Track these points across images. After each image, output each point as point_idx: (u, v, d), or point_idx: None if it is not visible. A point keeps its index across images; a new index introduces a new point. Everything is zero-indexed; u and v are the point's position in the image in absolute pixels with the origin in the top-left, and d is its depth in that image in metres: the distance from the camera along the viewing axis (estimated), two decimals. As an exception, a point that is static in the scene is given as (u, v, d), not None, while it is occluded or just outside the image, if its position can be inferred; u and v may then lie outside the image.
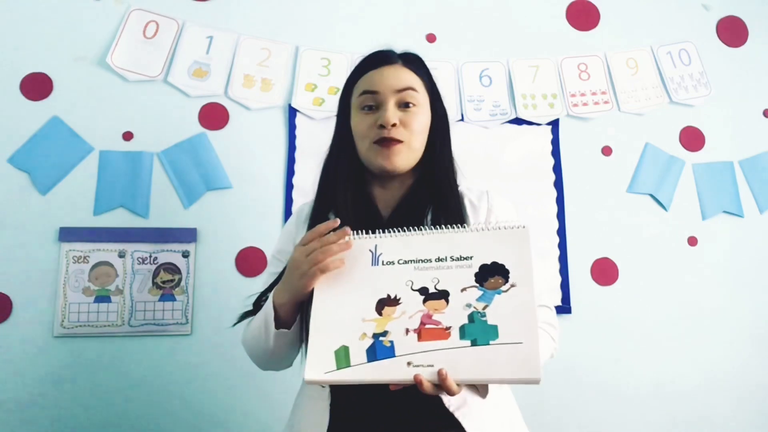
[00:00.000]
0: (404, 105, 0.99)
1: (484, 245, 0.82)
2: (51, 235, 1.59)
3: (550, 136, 1.84)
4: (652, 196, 1.86)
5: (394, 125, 0.97)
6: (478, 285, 0.79)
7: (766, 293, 1.86)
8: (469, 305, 0.77)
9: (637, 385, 1.76)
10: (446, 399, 0.87)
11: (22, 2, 1.66)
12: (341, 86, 1.74)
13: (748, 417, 1.80)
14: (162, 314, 1.60)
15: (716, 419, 1.79)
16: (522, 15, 1.90)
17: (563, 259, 1.77)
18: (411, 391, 0.76)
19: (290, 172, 1.71)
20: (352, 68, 1.07)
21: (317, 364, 0.77)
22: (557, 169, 1.83)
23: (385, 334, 0.78)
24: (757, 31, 2.00)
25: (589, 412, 1.74)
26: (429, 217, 0.98)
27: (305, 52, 1.76)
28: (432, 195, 1.01)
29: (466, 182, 1.08)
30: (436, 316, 0.78)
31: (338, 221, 0.86)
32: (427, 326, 0.77)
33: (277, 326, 0.91)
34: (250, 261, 1.66)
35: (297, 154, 1.72)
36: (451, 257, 0.82)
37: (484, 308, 0.77)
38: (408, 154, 0.99)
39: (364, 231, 0.87)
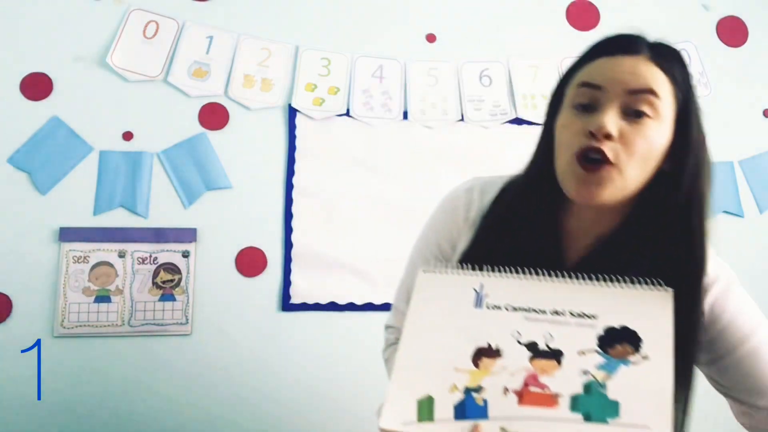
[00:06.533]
0: (634, 114, 0.71)
1: (612, 304, 0.69)
2: (51, 235, 1.59)
3: (550, 136, 1.84)
4: (652, 196, 1.86)
5: (608, 137, 0.69)
6: (600, 350, 0.66)
7: (766, 293, 1.86)
8: (586, 372, 0.65)
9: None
10: None
11: (22, 2, 1.66)
12: (341, 86, 1.77)
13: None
14: (162, 314, 1.60)
15: (718, 418, 1.79)
16: (522, 15, 1.90)
17: (563, 259, 1.77)
18: None
19: (290, 172, 1.71)
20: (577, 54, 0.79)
21: (396, 412, 0.67)
22: (557, 169, 1.83)
23: (479, 389, 0.66)
24: (757, 31, 2.00)
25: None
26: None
27: (305, 52, 1.76)
28: (658, 249, 0.74)
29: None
30: (543, 379, 0.65)
31: None
32: (531, 389, 0.65)
33: None
34: (250, 261, 1.66)
35: (297, 154, 1.72)
36: (570, 312, 0.69)
37: (605, 379, 0.64)
38: (618, 184, 0.71)
39: (470, 266, 0.74)
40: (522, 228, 0.78)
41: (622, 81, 0.71)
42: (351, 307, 1.69)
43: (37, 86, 1.64)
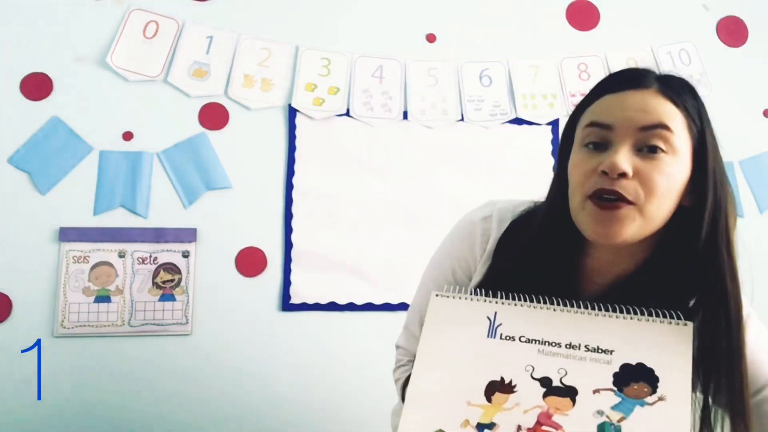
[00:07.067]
0: (649, 149, 0.68)
1: (630, 339, 0.67)
2: (51, 235, 1.59)
3: (550, 136, 1.84)
4: (652, 196, 1.86)
5: (623, 175, 0.67)
6: (615, 389, 0.64)
7: (766, 293, 1.86)
8: (600, 412, 0.63)
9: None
10: None
11: (22, 2, 1.66)
12: (341, 86, 1.77)
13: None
14: (162, 314, 1.60)
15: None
16: (522, 15, 1.90)
17: (563, 259, 1.77)
18: None
19: (290, 172, 1.71)
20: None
21: None
22: (557, 169, 1.83)
23: (491, 426, 0.63)
24: (757, 31, 2.00)
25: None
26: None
27: (305, 52, 1.76)
28: (681, 288, 0.72)
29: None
30: (556, 417, 0.63)
31: None
32: (544, 428, 0.62)
33: None
34: (250, 261, 1.66)
35: (297, 154, 1.72)
36: (586, 346, 0.67)
37: (620, 420, 0.62)
38: (639, 222, 0.68)
39: (483, 292, 0.73)
40: (537, 268, 0.75)
41: (632, 118, 0.68)
42: (351, 307, 1.69)
43: (37, 86, 1.63)
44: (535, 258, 0.76)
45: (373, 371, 1.63)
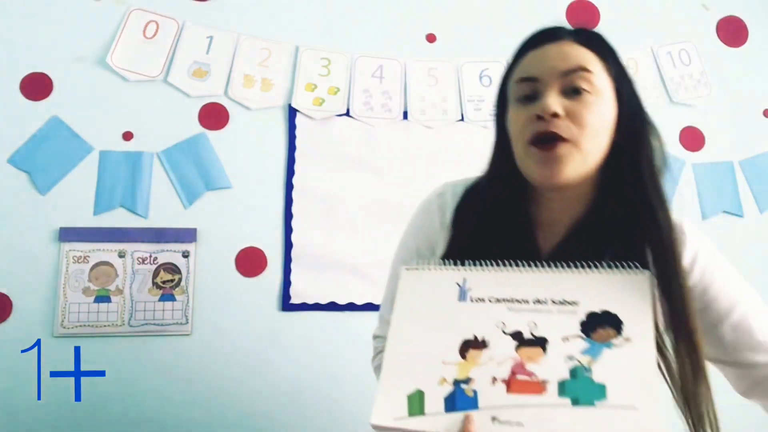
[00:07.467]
0: (574, 91, 0.74)
1: (593, 290, 0.71)
2: (51, 235, 1.59)
3: (550, 136, 1.84)
4: (652, 196, 1.86)
5: (555, 115, 0.72)
6: (583, 335, 0.68)
7: (766, 293, 1.86)
8: (571, 357, 0.66)
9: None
10: None
11: (22, 2, 1.66)
12: (341, 86, 1.77)
13: (751, 413, 1.80)
14: (162, 314, 1.60)
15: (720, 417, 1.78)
16: (522, 15, 1.90)
17: (563, 259, 1.77)
18: None
19: (290, 172, 1.71)
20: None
21: (386, 407, 0.67)
22: (557, 169, 1.83)
23: (467, 381, 0.67)
24: (757, 31, 2.00)
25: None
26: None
27: (305, 52, 1.76)
28: (628, 226, 0.75)
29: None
30: (529, 366, 0.67)
31: None
32: (519, 377, 0.66)
33: None
34: (250, 261, 1.66)
35: (297, 154, 1.72)
36: (552, 300, 0.71)
37: (590, 363, 0.65)
38: (578, 158, 0.73)
39: (452, 261, 0.76)
40: (493, 224, 0.80)
41: (553, 67, 0.75)
42: (351, 307, 1.69)
43: (37, 86, 1.64)
44: (491, 219, 0.80)
45: (372, 371, 1.63)
